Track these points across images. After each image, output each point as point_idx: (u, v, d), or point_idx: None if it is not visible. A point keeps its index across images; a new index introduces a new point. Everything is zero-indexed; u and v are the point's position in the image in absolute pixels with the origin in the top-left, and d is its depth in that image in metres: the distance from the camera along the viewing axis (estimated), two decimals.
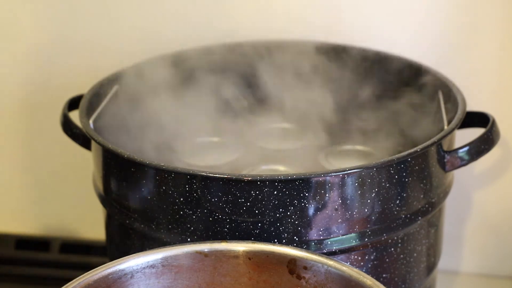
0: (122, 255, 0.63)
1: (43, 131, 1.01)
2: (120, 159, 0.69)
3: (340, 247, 0.67)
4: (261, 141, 0.86)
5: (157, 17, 0.94)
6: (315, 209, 0.66)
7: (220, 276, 0.64)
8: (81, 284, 0.59)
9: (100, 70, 0.83)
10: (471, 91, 0.82)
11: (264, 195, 0.65)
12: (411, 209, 0.70)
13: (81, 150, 0.82)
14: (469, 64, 0.89)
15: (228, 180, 0.65)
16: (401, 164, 0.68)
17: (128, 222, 0.71)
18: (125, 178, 0.70)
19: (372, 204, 0.67)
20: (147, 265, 0.62)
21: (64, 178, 1.03)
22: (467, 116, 0.75)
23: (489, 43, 0.88)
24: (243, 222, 0.66)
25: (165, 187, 0.67)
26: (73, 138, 0.81)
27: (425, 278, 0.75)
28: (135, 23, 0.95)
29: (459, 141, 0.76)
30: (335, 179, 0.66)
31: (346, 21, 0.90)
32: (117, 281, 0.61)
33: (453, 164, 0.73)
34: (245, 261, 0.63)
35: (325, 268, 0.61)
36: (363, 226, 0.68)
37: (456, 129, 0.72)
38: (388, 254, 0.70)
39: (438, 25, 0.89)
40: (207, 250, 0.63)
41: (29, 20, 0.97)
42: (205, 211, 0.66)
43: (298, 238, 0.66)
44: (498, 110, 0.82)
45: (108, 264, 0.61)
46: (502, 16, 0.87)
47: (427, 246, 0.74)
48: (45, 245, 1.01)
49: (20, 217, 1.06)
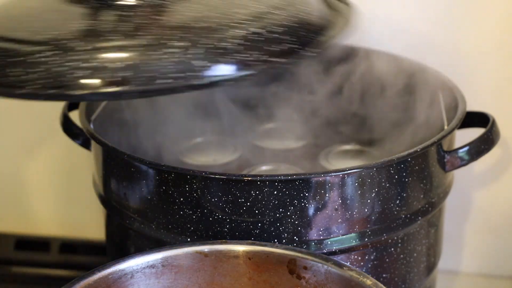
0: (122, 255, 0.63)
1: (43, 131, 1.01)
2: (120, 159, 0.69)
3: (340, 247, 0.67)
4: (261, 141, 0.86)
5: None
6: (315, 209, 0.66)
7: (220, 276, 0.64)
8: (81, 284, 0.59)
9: None
10: (471, 91, 0.82)
11: (264, 195, 0.65)
12: (411, 209, 0.70)
13: (81, 150, 0.82)
14: (469, 64, 0.89)
15: (228, 180, 0.65)
16: (401, 164, 0.68)
17: (128, 222, 0.71)
18: (125, 178, 0.70)
19: (372, 204, 0.67)
20: (147, 265, 0.62)
21: (64, 178, 1.03)
22: (467, 116, 0.75)
23: (489, 43, 0.88)
24: (243, 222, 0.66)
25: (165, 187, 0.67)
26: (73, 138, 0.81)
27: (425, 278, 0.75)
28: None
29: (459, 141, 0.76)
30: (335, 179, 0.66)
31: None
32: (117, 281, 0.61)
33: (453, 164, 0.73)
34: (245, 261, 0.63)
35: (325, 268, 0.61)
36: (363, 226, 0.68)
37: (456, 129, 0.72)
38: (388, 254, 0.70)
39: (438, 25, 0.88)
40: (207, 250, 0.63)
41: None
42: (205, 211, 0.66)
43: (298, 238, 0.66)
44: (498, 110, 0.82)
45: (108, 264, 0.61)
46: (502, 16, 0.87)
47: (427, 246, 0.74)
48: (45, 245, 1.01)
49: (20, 217, 1.06)
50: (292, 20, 0.63)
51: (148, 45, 0.58)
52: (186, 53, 0.57)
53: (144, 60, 0.57)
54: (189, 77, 0.57)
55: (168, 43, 0.58)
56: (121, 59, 0.57)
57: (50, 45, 0.58)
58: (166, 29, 0.59)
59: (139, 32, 0.59)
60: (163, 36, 0.58)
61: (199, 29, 0.59)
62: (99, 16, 0.61)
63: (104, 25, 0.60)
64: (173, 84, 0.56)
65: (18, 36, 0.60)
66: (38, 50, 0.57)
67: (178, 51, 0.57)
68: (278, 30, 0.61)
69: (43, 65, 0.56)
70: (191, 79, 0.57)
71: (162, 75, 0.56)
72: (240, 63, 0.58)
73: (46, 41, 0.58)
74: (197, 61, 0.57)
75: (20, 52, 0.58)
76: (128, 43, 0.58)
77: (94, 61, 0.56)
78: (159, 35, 0.58)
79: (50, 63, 0.56)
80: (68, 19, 0.62)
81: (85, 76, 0.56)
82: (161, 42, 0.58)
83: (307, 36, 0.62)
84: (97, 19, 0.61)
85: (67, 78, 0.56)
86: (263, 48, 0.59)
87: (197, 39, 0.58)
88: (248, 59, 0.58)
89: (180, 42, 0.58)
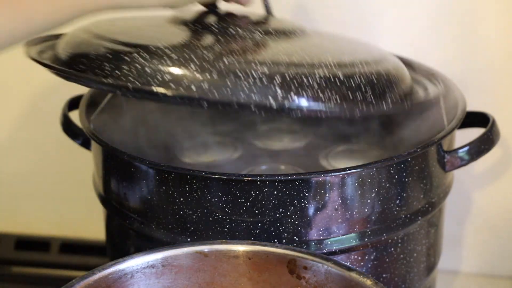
0: (122, 255, 0.63)
1: (43, 131, 1.01)
2: (120, 159, 0.69)
3: (340, 247, 0.67)
4: (261, 141, 0.86)
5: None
6: (315, 209, 0.66)
7: (220, 276, 0.64)
8: (81, 284, 0.59)
9: None
10: (471, 91, 0.82)
11: (264, 195, 0.65)
12: (411, 209, 0.70)
13: (81, 150, 0.82)
14: (469, 64, 0.89)
15: (228, 180, 0.65)
16: (401, 164, 0.68)
17: (128, 222, 0.71)
18: (125, 178, 0.70)
19: (372, 204, 0.67)
20: (147, 265, 0.62)
21: (64, 178, 1.03)
22: (467, 116, 0.75)
23: (489, 43, 0.88)
24: (243, 222, 0.66)
25: (165, 187, 0.67)
26: (73, 138, 0.81)
27: (425, 278, 0.75)
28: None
29: (459, 141, 0.76)
30: (335, 179, 0.66)
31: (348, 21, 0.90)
32: (117, 281, 0.61)
33: (453, 164, 0.73)
34: (245, 261, 0.63)
35: (325, 268, 0.61)
36: (363, 226, 0.68)
37: (456, 129, 0.72)
38: (388, 254, 0.70)
39: (438, 25, 0.89)
40: (207, 250, 0.63)
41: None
42: (205, 211, 0.66)
43: (298, 238, 0.66)
44: (498, 110, 0.82)
45: (108, 264, 0.61)
46: (502, 16, 0.87)
47: (427, 246, 0.74)
48: (45, 245, 1.01)
49: (20, 217, 1.06)
50: (374, 76, 0.67)
51: (233, 64, 0.63)
52: (269, 78, 0.62)
53: (228, 76, 0.62)
54: (265, 101, 0.61)
55: (254, 66, 0.63)
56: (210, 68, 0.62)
57: (147, 50, 0.64)
58: (256, 56, 0.65)
59: (229, 55, 0.64)
60: (250, 60, 0.64)
61: (287, 63, 0.64)
62: (198, 36, 0.68)
63: (199, 43, 0.67)
64: (248, 103, 0.61)
65: (124, 39, 0.67)
66: (135, 51, 0.64)
67: (261, 76, 0.62)
68: (358, 80, 0.65)
69: (136, 64, 0.63)
70: (266, 103, 0.61)
71: (241, 94, 0.61)
72: (315, 99, 0.62)
73: (145, 46, 0.65)
74: (277, 88, 0.62)
75: (123, 51, 0.65)
76: (217, 61, 0.63)
77: (182, 70, 0.62)
78: (247, 60, 0.64)
79: (143, 64, 0.63)
80: (169, 33, 0.69)
81: (169, 80, 0.62)
82: (248, 64, 0.63)
83: (383, 92, 0.67)
84: (196, 39, 0.68)
85: (156, 79, 0.62)
86: (339, 92, 0.63)
87: (281, 69, 0.63)
88: (323, 98, 0.63)
89: (265, 68, 0.63)
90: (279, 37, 0.70)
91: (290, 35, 0.71)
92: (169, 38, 0.67)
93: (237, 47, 0.66)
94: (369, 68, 0.67)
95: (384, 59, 0.71)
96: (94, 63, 0.64)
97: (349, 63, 0.67)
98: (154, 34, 0.70)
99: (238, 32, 0.69)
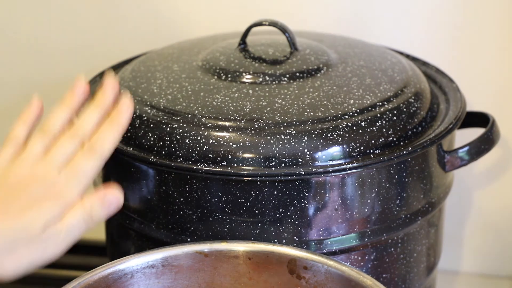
0: (122, 255, 0.63)
1: None
2: (120, 159, 0.69)
3: (340, 247, 0.67)
4: None
5: (157, 17, 0.94)
6: (315, 209, 0.66)
7: (220, 276, 0.64)
8: (81, 284, 0.59)
9: (99, 70, 0.83)
10: (471, 91, 0.82)
11: (264, 195, 0.65)
12: (411, 209, 0.70)
13: None
14: (469, 64, 0.89)
15: (228, 180, 0.65)
16: (401, 164, 0.68)
17: (128, 222, 0.71)
18: (125, 178, 0.70)
19: (372, 204, 0.67)
20: (147, 265, 0.62)
21: None
22: (467, 116, 0.75)
23: (489, 43, 0.88)
24: (243, 222, 0.66)
25: (165, 187, 0.67)
26: None
27: (425, 278, 0.75)
28: (134, 23, 0.95)
29: (459, 141, 0.76)
30: (335, 179, 0.66)
31: (349, 20, 0.90)
32: (117, 281, 0.61)
33: (453, 164, 0.73)
34: (245, 261, 0.63)
35: (325, 268, 0.61)
36: (363, 226, 0.68)
37: (456, 129, 0.72)
38: (388, 254, 0.70)
39: (439, 25, 0.89)
40: (207, 250, 0.63)
41: (29, 20, 0.97)
42: (205, 211, 0.66)
43: (298, 238, 0.66)
44: (498, 110, 0.82)
45: (108, 264, 0.61)
46: (502, 16, 0.87)
47: (427, 246, 0.74)
48: None
49: None
50: (398, 113, 0.69)
51: (262, 128, 0.66)
52: (297, 138, 0.65)
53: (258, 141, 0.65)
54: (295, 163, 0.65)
55: (282, 127, 0.66)
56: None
57: (182, 117, 0.68)
58: (283, 115, 0.67)
59: (256, 115, 0.67)
60: (277, 121, 0.66)
61: (312, 119, 0.67)
62: (229, 91, 0.70)
63: (230, 102, 0.69)
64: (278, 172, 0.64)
65: (157, 104, 0.70)
66: (171, 119, 0.68)
67: (289, 137, 0.65)
68: (381, 123, 0.68)
69: (171, 133, 0.67)
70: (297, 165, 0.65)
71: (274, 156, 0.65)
72: (344, 155, 0.66)
73: (180, 113, 0.68)
74: (305, 148, 0.65)
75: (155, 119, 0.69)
76: (246, 125, 0.66)
77: (212, 138, 0.66)
78: (274, 121, 0.66)
79: (178, 132, 0.66)
80: (202, 92, 0.71)
81: (202, 149, 0.66)
82: (276, 126, 0.66)
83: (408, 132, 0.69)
84: (226, 95, 0.70)
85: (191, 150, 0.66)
86: (364, 141, 0.66)
87: (307, 128, 0.66)
88: (351, 151, 0.66)
89: (292, 129, 0.66)
90: (305, 80, 0.71)
91: (316, 73, 0.72)
92: (203, 99, 0.69)
93: (264, 102, 0.68)
94: (391, 106, 0.69)
95: (408, 84, 0.73)
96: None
97: (370, 105, 0.69)
98: (187, 92, 0.71)
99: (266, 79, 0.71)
